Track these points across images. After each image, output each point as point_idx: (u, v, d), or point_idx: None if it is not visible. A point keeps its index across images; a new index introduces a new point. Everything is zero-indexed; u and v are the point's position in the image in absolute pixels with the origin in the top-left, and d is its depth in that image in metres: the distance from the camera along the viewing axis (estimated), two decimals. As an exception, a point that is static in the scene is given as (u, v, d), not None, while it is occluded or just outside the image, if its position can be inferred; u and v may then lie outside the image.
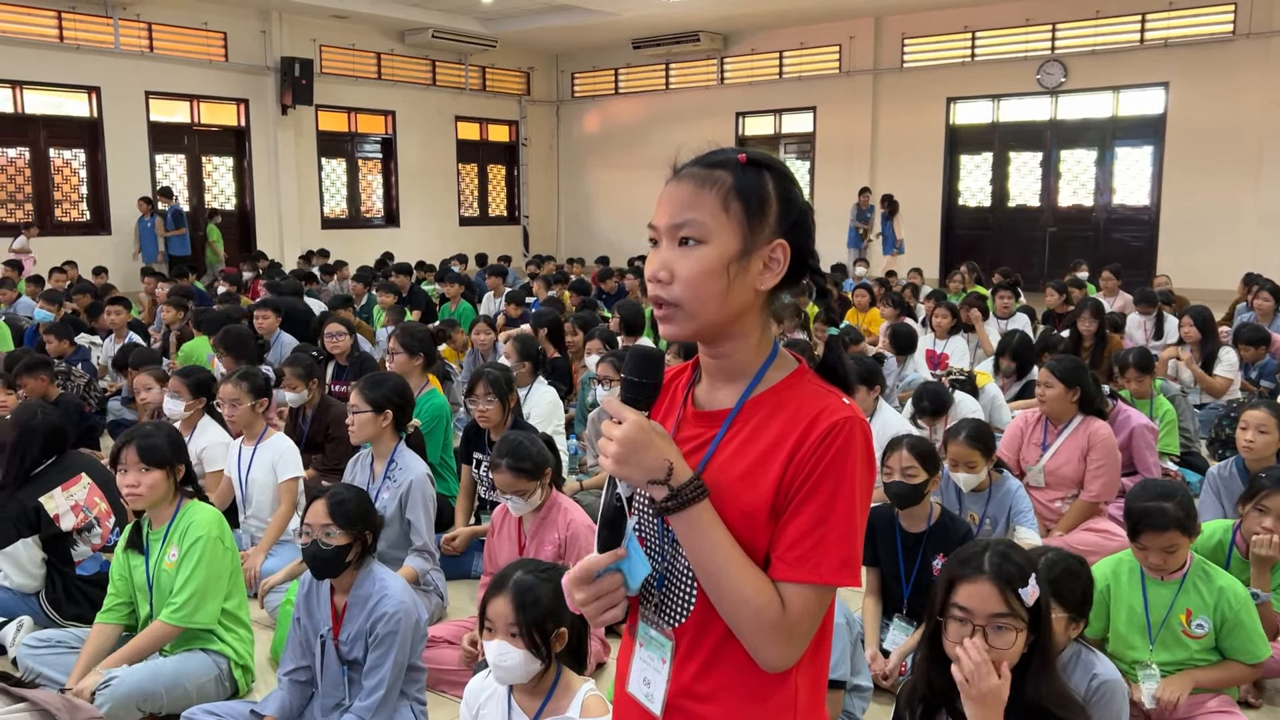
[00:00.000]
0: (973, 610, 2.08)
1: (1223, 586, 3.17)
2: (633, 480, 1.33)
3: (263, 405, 4.69)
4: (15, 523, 3.88)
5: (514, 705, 2.55)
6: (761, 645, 1.32)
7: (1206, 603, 3.16)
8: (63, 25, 14.12)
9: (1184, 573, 3.19)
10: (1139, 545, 3.16)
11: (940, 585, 2.18)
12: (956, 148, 16.90)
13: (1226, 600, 3.15)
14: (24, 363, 5.96)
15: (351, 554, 2.97)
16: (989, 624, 2.07)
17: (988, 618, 2.07)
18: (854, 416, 1.33)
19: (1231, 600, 3.15)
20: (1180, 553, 3.15)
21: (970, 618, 2.08)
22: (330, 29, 16.97)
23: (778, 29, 17.87)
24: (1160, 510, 3.11)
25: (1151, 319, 8.86)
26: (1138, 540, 3.16)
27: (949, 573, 2.17)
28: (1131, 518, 3.18)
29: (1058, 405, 4.75)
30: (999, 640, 2.07)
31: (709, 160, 1.38)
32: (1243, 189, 14.16)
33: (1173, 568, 3.18)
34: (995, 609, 2.07)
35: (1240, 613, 3.15)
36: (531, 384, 5.85)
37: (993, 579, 2.09)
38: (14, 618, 3.88)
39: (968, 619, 2.09)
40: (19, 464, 3.95)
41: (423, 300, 11.03)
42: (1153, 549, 3.13)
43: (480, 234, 19.64)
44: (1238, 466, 4.35)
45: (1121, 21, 14.99)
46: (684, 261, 1.34)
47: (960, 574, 2.13)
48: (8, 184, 14.26)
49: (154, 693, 3.18)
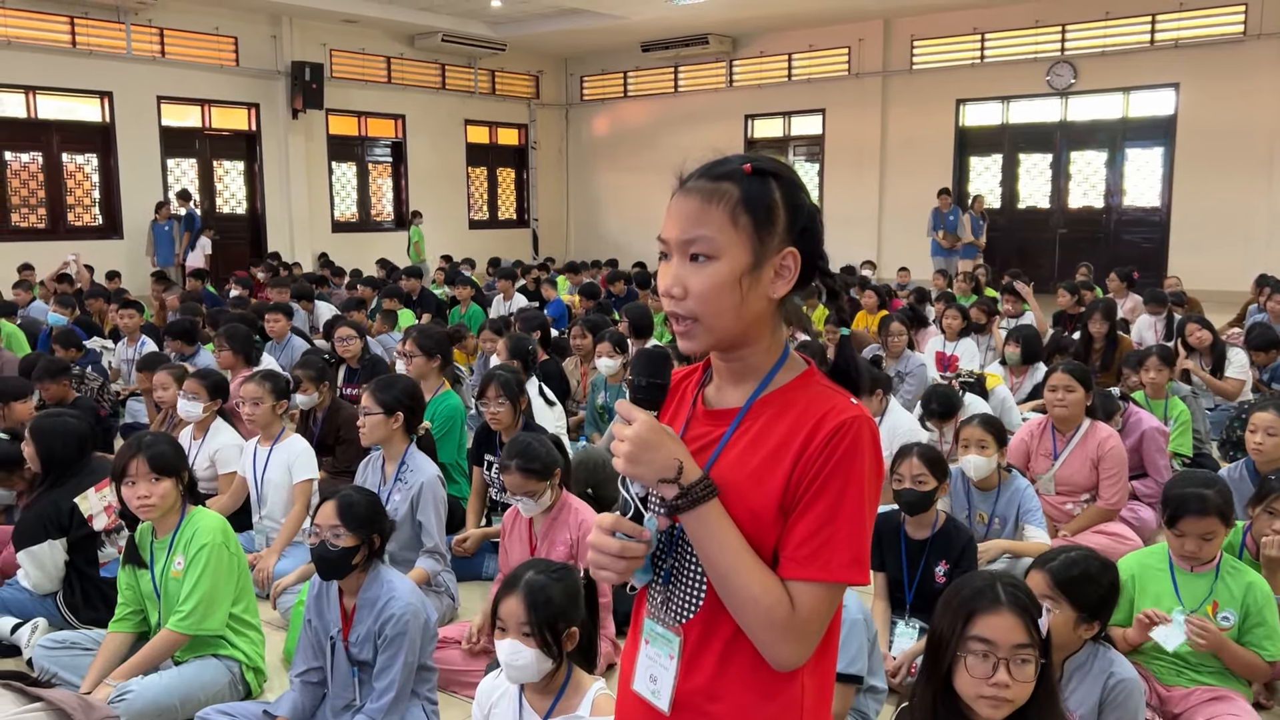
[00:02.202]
0: (996, 642, 2.02)
1: (1251, 582, 3.20)
2: (644, 479, 1.34)
3: (282, 406, 4.73)
4: (45, 523, 3.89)
5: (525, 704, 2.56)
6: (771, 643, 1.32)
7: (1235, 596, 3.18)
8: (75, 31, 14.21)
9: (1215, 564, 3.21)
10: (1176, 531, 3.17)
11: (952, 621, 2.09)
12: (966, 149, 16.88)
13: (1254, 595, 3.17)
14: (43, 367, 6.01)
15: (359, 556, 2.98)
16: (1013, 656, 2.01)
17: (1011, 649, 2.02)
18: (862, 416, 1.34)
19: (1259, 596, 3.17)
20: (1216, 542, 3.18)
21: (993, 650, 2.02)
22: (340, 33, 17.04)
23: (787, 31, 17.87)
24: (1200, 496, 3.14)
25: (1162, 319, 8.84)
26: (1176, 526, 3.17)
27: (962, 607, 2.09)
28: (1170, 504, 3.20)
29: (1076, 410, 4.74)
30: (1021, 674, 2.02)
31: (715, 172, 1.37)
32: (1254, 190, 14.11)
33: (1206, 558, 3.20)
34: (1019, 640, 2.02)
35: (1265, 610, 3.17)
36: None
37: (1014, 609, 2.05)
38: (30, 619, 3.91)
39: (991, 652, 2.03)
40: (51, 465, 3.97)
41: (433, 303, 11.06)
42: (1190, 535, 3.15)
43: (490, 237, 19.68)
44: (1248, 468, 4.33)
45: (1131, 22, 14.95)
46: (697, 277, 1.35)
47: (976, 606, 2.07)
48: (21, 189, 14.35)
49: (169, 706, 3.19)
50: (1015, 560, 4.13)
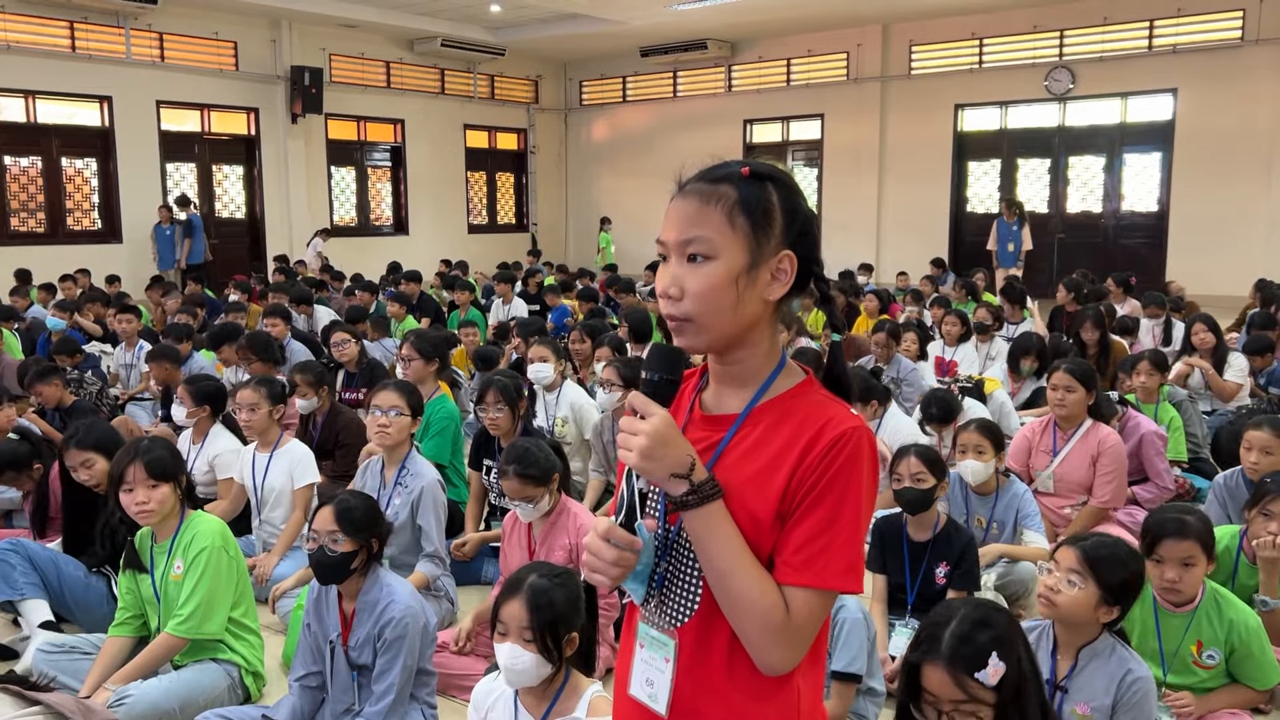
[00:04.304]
0: (938, 696, 2.01)
1: (1233, 619, 3.13)
2: (655, 475, 1.34)
3: (279, 412, 4.73)
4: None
5: (520, 708, 2.56)
6: (764, 647, 1.33)
7: (1218, 635, 3.14)
8: (75, 35, 14.22)
9: (1195, 605, 3.15)
10: (1154, 558, 3.07)
11: (906, 663, 2.09)
12: (964, 154, 16.89)
13: (1237, 633, 3.12)
14: (35, 371, 6.01)
15: (357, 561, 2.98)
16: (954, 710, 2.00)
17: (951, 704, 2.00)
18: (860, 426, 1.35)
19: (1242, 632, 3.12)
20: (1195, 572, 3.08)
21: (936, 703, 2.02)
22: (340, 38, 17.06)
23: (785, 36, 17.90)
24: (1179, 520, 3.06)
25: (1160, 323, 8.85)
26: (1155, 551, 3.07)
27: (914, 651, 2.08)
28: (1149, 531, 3.11)
29: (1077, 409, 4.74)
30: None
31: (713, 175, 1.39)
32: (1253, 195, 14.12)
33: (1188, 591, 3.10)
34: (954, 695, 1.99)
35: (1250, 644, 3.13)
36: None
37: (947, 666, 2.00)
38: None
39: (933, 704, 2.02)
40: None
41: (432, 307, 11.07)
42: (1170, 561, 3.06)
43: (489, 242, 19.70)
44: (1243, 476, 4.28)
45: (1129, 28, 14.98)
46: (694, 278, 1.36)
47: (920, 657, 2.05)
48: (20, 193, 14.35)
49: (168, 710, 3.19)
50: (1013, 564, 4.14)
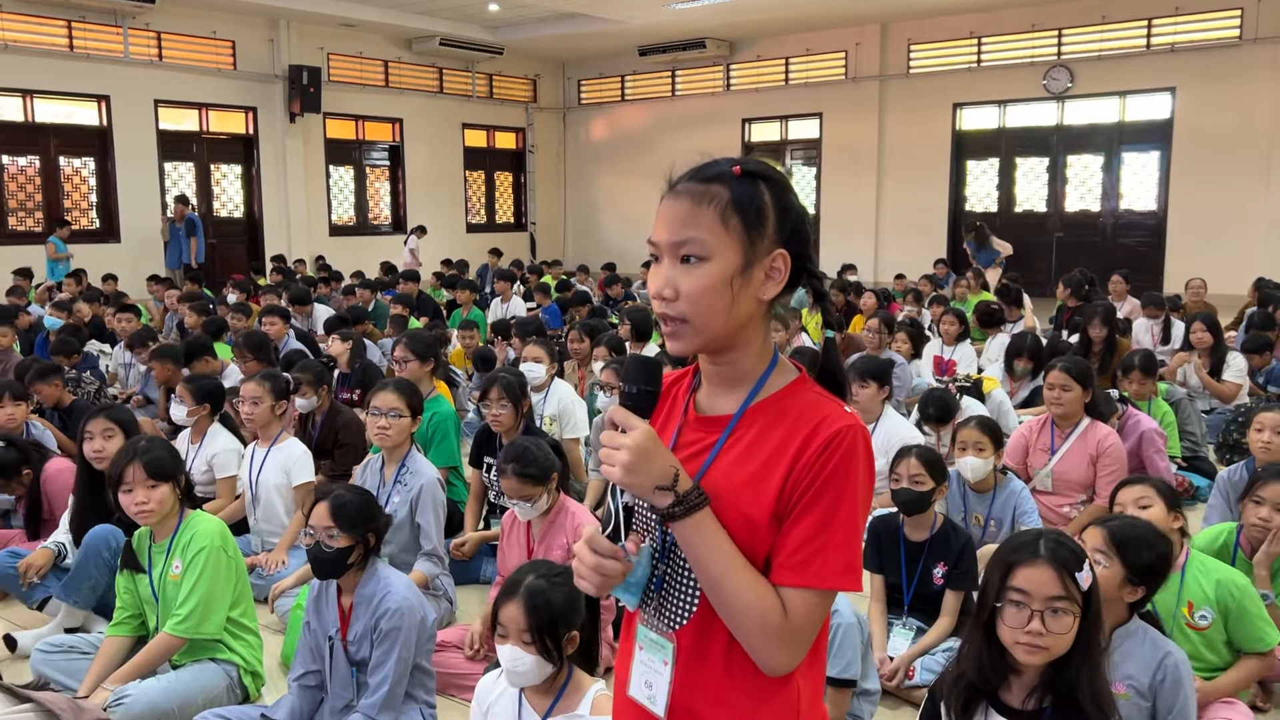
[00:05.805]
0: (1031, 593, 2.14)
1: (1220, 579, 3.17)
2: (639, 488, 1.32)
3: (281, 408, 4.74)
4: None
5: (524, 704, 2.56)
6: (764, 650, 1.32)
7: (1208, 595, 3.17)
8: (73, 35, 14.22)
9: (1182, 566, 3.19)
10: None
11: (994, 573, 2.23)
12: (963, 153, 16.90)
13: (1228, 591, 3.15)
14: (35, 371, 6.00)
15: (354, 555, 2.99)
16: (1046, 607, 2.12)
17: (1045, 600, 2.12)
18: (856, 425, 1.35)
19: (1233, 590, 3.15)
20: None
21: (1028, 601, 2.14)
22: (338, 37, 17.05)
23: (784, 36, 17.90)
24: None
25: (1159, 323, 8.85)
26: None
27: (1003, 560, 2.22)
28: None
29: (1074, 407, 4.75)
30: (1056, 624, 2.12)
31: (704, 174, 1.37)
32: (1252, 194, 14.13)
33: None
34: (1053, 591, 2.13)
35: (1244, 600, 3.16)
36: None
37: (1050, 563, 2.15)
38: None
39: (1025, 603, 2.14)
40: None
41: (430, 307, 11.06)
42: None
43: (488, 241, 19.66)
44: (1249, 471, 4.31)
45: (1128, 26, 14.99)
46: (687, 279, 1.35)
47: (1016, 559, 2.19)
48: (18, 192, 14.35)
49: (166, 710, 3.18)
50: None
